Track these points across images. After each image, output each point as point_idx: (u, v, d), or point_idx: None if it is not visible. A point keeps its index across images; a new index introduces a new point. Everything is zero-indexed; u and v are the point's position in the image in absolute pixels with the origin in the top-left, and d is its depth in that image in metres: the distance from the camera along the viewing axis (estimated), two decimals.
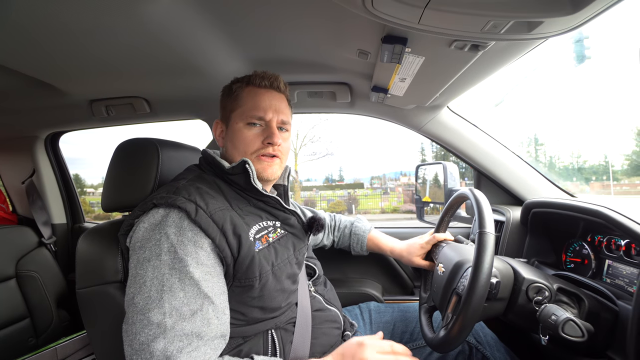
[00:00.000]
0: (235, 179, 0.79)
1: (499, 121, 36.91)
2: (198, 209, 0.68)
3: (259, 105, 0.82)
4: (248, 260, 0.70)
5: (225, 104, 0.88)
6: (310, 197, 21.20)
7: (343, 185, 26.83)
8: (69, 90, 1.18)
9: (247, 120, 0.82)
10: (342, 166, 34.35)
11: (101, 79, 1.10)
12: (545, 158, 21.03)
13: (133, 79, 1.11)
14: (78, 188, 2.02)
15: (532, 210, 1.09)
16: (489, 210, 0.76)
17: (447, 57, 0.73)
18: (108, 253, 0.80)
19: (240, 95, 0.84)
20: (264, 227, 0.78)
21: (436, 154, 17.59)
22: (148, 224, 0.67)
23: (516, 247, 1.14)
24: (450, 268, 0.86)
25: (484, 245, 0.70)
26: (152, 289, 0.61)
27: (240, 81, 0.86)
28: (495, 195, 1.36)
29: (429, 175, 1.99)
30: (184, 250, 0.64)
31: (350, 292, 1.40)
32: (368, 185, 27.50)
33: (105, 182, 0.89)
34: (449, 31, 0.56)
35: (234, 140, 0.83)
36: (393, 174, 29.67)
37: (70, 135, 1.84)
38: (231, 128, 0.84)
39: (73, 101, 1.29)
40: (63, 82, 1.10)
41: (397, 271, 1.52)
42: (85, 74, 1.04)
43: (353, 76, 1.13)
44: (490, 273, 0.68)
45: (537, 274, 0.78)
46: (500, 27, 0.53)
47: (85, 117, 1.43)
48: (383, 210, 18.47)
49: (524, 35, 0.55)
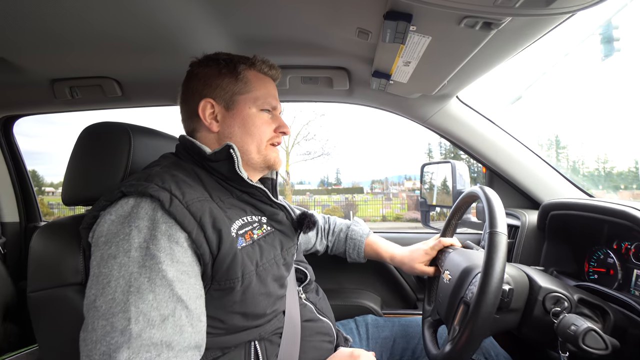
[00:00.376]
0: (217, 167, 0.79)
1: (516, 120, 37.36)
2: (173, 198, 0.67)
3: (271, 94, 0.88)
4: (229, 259, 0.69)
5: (225, 84, 0.84)
6: (304, 201, 21.19)
7: (341, 189, 26.88)
8: (24, 66, 1.16)
9: (262, 107, 0.85)
10: (339, 168, 34.41)
11: (64, 56, 1.08)
12: (567, 163, 21.35)
13: (101, 56, 1.10)
14: (36, 187, 1.99)
15: (550, 213, 1.10)
16: (500, 208, 0.77)
17: (456, 37, 0.74)
18: (67, 250, 0.79)
19: (248, 78, 0.85)
20: (248, 222, 0.78)
21: (445, 156, 17.69)
22: (115, 215, 0.66)
23: (532, 255, 1.15)
24: (457, 275, 0.86)
25: (495, 246, 0.70)
26: (117, 290, 0.59)
27: (244, 62, 0.86)
28: (509, 198, 1.38)
29: (437, 178, 2.01)
30: (157, 246, 0.63)
31: (345, 305, 1.40)
32: (368, 189, 27.60)
33: (67, 171, 0.88)
34: (458, 4, 0.57)
35: (247, 126, 0.84)
36: (396, 177, 29.83)
37: (27, 125, 1.83)
38: (241, 112, 0.84)
39: (30, 80, 1.27)
40: (17, 56, 1.09)
41: (399, 282, 1.52)
42: (45, 48, 1.02)
43: (352, 60, 1.13)
44: (502, 278, 0.69)
45: (555, 282, 0.79)
46: (514, 0, 0.54)
47: (45, 99, 1.41)
48: (384, 217, 18.54)
49: (541, 10, 0.56)
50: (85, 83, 1.30)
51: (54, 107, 1.52)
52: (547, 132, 38.35)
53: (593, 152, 27.27)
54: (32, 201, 1.90)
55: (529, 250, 1.16)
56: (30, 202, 1.89)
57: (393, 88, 1.13)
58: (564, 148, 21.53)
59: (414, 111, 1.33)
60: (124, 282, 0.60)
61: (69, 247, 0.79)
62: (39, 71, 1.22)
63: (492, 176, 1.40)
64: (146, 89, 1.36)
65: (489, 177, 1.43)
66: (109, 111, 1.62)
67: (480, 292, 0.68)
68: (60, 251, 0.79)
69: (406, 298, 1.53)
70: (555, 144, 21.49)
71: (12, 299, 1.64)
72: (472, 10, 0.59)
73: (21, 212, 1.86)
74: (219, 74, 0.86)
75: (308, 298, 0.97)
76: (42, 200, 20.73)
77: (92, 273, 0.64)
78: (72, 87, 1.31)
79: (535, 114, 39.54)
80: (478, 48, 0.76)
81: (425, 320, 1.05)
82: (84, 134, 0.88)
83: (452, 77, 0.97)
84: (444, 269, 0.98)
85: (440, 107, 1.28)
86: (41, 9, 0.80)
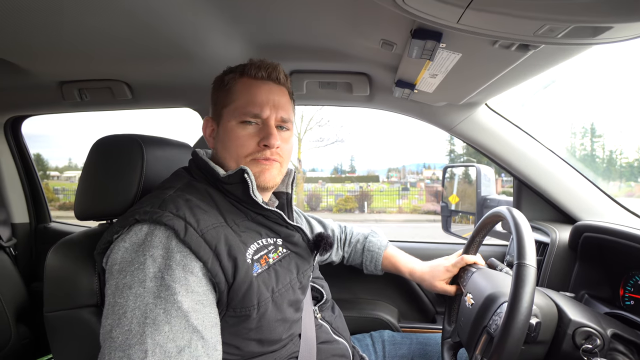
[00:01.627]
0: (231, 189, 0.81)
1: (548, 106, 36.25)
2: (188, 226, 0.69)
3: (254, 100, 0.83)
4: (245, 287, 0.71)
5: (216, 99, 0.89)
6: (315, 190, 21.16)
7: (355, 177, 26.80)
8: (33, 70, 1.19)
9: (240, 118, 0.83)
10: (354, 155, 34.20)
11: (74, 59, 1.11)
12: (603, 153, 20.69)
13: (112, 60, 1.12)
14: (40, 171, 2.05)
15: (584, 235, 1.08)
16: (530, 237, 0.76)
17: (489, 56, 0.73)
18: (82, 272, 0.82)
19: (233, 88, 0.85)
20: (263, 245, 0.79)
21: (468, 148, 17.37)
22: (129, 243, 0.68)
23: (561, 276, 1.13)
24: (481, 301, 0.87)
25: (523, 280, 0.70)
26: (134, 321, 0.62)
27: (234, 71, 0.87)
28: (539, 210, 1.36)
29: (460, 181, 1.99)
30: (172, 276, 0.65)
31: (361, 317, 1.42)
32: (384, 178, 27.46)
33: (79, 186, 0.91)
34: (494, 32, 0.56)
35: (226, 142, 0.84)
36: (414, 166, 29.55)
37: None
38: (223, 127, 0.85)
39: (39, 82, 1.31)
40: (27, 61, 1.12)
41: (417, 293, 1.53)
42: (55, 53, 1.05)
43: (374, 67, 1.13)
44: (530, 314, 0.69)
45: (586, 314, 0.78)
46: (558, 32, 0.53)
47: (54, 100, 1.45)
48: (400, 209, 18.45)
49: (587, 40, 0.55)
50: (94, 85, 1.33)
51: (62, 108, 1.56)
52: (582, 120, 37.06)
53: (633, 141, 26.29)
54: (42, 201, 1.97)
55: (558, 271, 1.14)
56: (39, 202, 1.96)
57: (417, 96, 1.12)
58: (600, 137, 20.82)
59: (438, 119, 1.31)
60: (139, 313, 0.62)
61: (83, 267, 0.82)
62: (47, 74, 1.25)
63: (521, 187, 1.38)
64: (157, 92, 1.38)
65: (517, 188, 1.40)
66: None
67: (505, 329, 0.69)
68: (75, 272, 0.82)
69: (425, 311, 1.54)
70: (591, 132, 20.79)
71: (24, 302, 1.72)
72: (508, 38, 0.58)
73: (31, 213, 1.93)
74: (213, 89, 0.90)
75: (324, 317, 0.99)
76: (47, 185, 21.36)
77: (107, 302, 0.67)
78: (81, 89, 1.35)
79: (569, 100, 38.23)
80: (511, 67, 0.75)
81: (445, 341, 1.06)
82: (95, 148, 0.90)
83: (483, 89, 0.96)
84: (466, 290, 0.98)
85: (468, 115, 1.26)
86: (50, 16, 0.82)
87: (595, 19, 0.49)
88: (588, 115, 40.75)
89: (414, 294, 1.54)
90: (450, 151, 22.61)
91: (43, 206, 1.97)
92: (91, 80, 1.31)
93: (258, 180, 0.82)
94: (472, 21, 0.53)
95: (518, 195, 1.41)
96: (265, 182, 0.83)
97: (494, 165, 1.47)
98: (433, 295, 1.53)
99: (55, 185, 22.48)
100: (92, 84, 1.32)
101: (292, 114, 0.92)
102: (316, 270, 1.09)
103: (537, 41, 0.56)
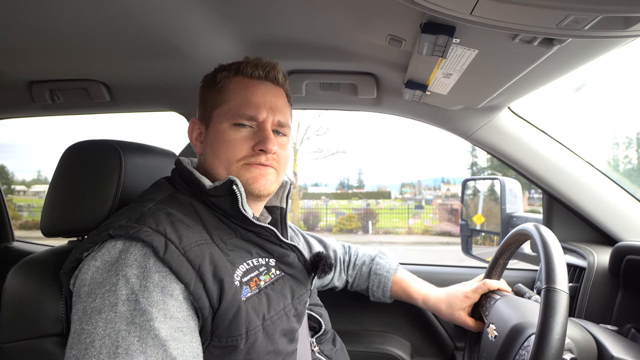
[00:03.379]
0: (218, 203, 0.81)
1: (581, 113, 36.28)
2: (168, 243, 0.69)
3: (250, 101, 0.84)
4: (232, 313, 0.71)
5: (206, 99, 0.90)
6: (316, 207, 21.12)
7: (363, 193, 26.79)
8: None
9: (234, 120, 0.84)
10: (362, 168, 34.26)
11: (44, 56, 1.12)
12: None
13: (87, 57, 1.13)
14: (4, 185, 2.07)
15: (627, 257, 1.07)
16: (560, 258, 0.76)
17: (509, 52, 0.74)
18: (47, 294, 0.81)
19: (226, 87, 0.87)
20: (253, 266, 0.79)
21: (492, 160, 17.21)
22: (101, 261, 0.68)
23: (602, 307, 1.12)
24: (505, 332, 0.86)
25: (553, 307, 0.69)
26: (103, 352, 0.61)
27: (227, 69, 0.89)
28: (572, 230, 1.35)
29: (483, 197, 1.98)
30: (148, 299, 0.64)
31: (368, 352, 1.40)
32: (397, 194, 27.43)
33: (47, 198, 0.91)
34: (512, 25, 0.57)
35: (215, 145, 0.85)
36: (431, 180, 29.53)
37: None
38: (212, 129, 0.86)
39: (5, 82, 1.32)
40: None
41: (432, 325, 1.52)
42: (22, 48, 1.06)
43: (381, 66, 1.14)
44: (562, 347, 0.68)
45: (632, 352, 0.77)
46: (584, 23, 0.53)
47: (21, 102, 1.46)
48: (410, 229, 18.31)
49: (619, 32, 0.55)
50: (68, 86, 1.34)
51: (32, 111, 1.58)
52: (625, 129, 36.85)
53: None
54: (4, 218, 1.97)
55: (598, 300, 1.12)
56: (1, 219, 1.97)
57: (429, 99, 1.13)
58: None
59: (454, 124, 1.32)
60: (110, 342, 0.62)
61: (48, 290, 0.81)
62: (14, 72, 1.27)
63: (552, 202, 1.38)
64: (138, 94, 1.40)
65: (547, 204, 1.40)
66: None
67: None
68: (38, 296, 0.81)
69: (442, 346, 1.51)
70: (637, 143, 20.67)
71: None
72: (529, 31, 0.59)
73: None
74: (202, 88, 0.92)
75: (322, 351, 0.98)
76: (11, 200, 21.40)
77: (72, 330, 0.66)
78: (52, 90, 1.36)
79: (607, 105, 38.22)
80: (535, 65, 0.76)
81: None
82: (66, 155, 0.91)
83: (503, 89, 0.97)
84: (488, 320, 0.97)
85: (488, 121, 1.27)
86: (18, 6, 0.83)
87: (625, 7, 0.49)
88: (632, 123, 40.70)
89: (429, 325, 1.52)
90: (472, 164, 22.57)
91: (5, 223, 1.97)
92: (64, 80, 1.32)
93: (251, 188, 0.83)
94: (486, 12, 0.54)
95: (548, 212, 1.40)
96: (259, 189, 0.84)
97: (520, 178, 1.46)
98: (451, 326, 1.51)
99: (20, 202, 22.49)
100: (65, 84, 1.33)
101: (290, 119, 0.93)
102: (314, 296, 1.08)
103: (562, 34, 0.57)
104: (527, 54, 0.73)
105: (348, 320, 1.53)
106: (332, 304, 1.23)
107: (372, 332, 1.52)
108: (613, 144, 20.99)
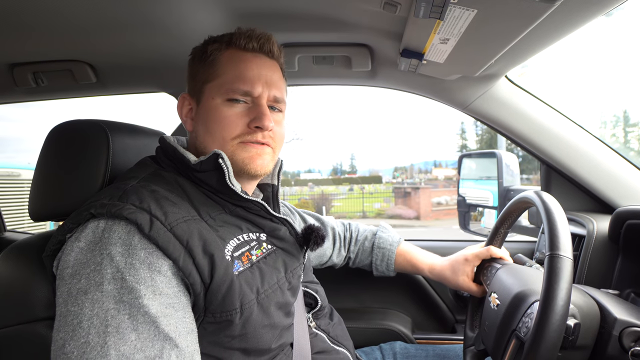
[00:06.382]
0: (205, 178, 0.79)
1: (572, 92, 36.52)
2: (154, 220, 0.67)
3: (244, 75, 0.82)
4: (225, 287, 0.70)
5: (196, 73, 0.87)
6: (302, 192, 21.35)
7: (354, 178, 26.92)
8: None
9: (227, 95, 0.81)
10: (354, 154, 34.44)
11: (26, 36, 1.08)
12: (639, 144, 20.78)
13: (70, 36, 1.09)
14: None
15: (627, 222, 1.07)
16: (564, 224, 0.75)
17: (509, 10, 0.71)
18: (38, 278, 0.80)
19: (218, 60, 0.84)
20: (244, 241, 0.78)
21: (481, 137, 17.37)
22: (84, 242, 0.67)
23: (603, 273, 1.12)
24: (508, 301, 0.85)
25: (557, 273, 0.68)
26: (92, 332, 0.60)
27: (219, 41, 0.86)
28: (571, 199, 1.35)
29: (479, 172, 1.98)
30: (135, 277, 0.63)
31: (369, 328, 1.42)
32: (390, 178, 27.63)
33: (34, 181, 0.89)
34: None
35: (208, 123, 0.83)
36: (422, 164, 29.76)
37: None
38: (204, 105, 0.84)
39: None
40: None
41: (433, 300, 1.53)
42: (1, 29, 1.02)
43: (375, 35, 1.11)
44: (567, 312, 0.67)
45: (635, 313, 0.77)
46: None
47: (4, 86, 1.41)
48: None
49: None
50: (52, 68, 1.29)
51: (15, 96, 1.52)
52: (613, 108, 37.14)
53: None
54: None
55: (598, 267, 1.13)
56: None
57: (426, 69, 1.10)
58: (635, 126, 20.90)
59: (451, 95, 1.30)
60: (98, 322, 0.60)
61: (38, 274, 0.80)
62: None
63: (550, 172, 1.37)
64: (125, 74, 1.36)
65: (546, 174, 1.39)
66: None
67: (537, 332, 0.67)
68: (28, 280, 0.80)
69: (442, 320, 1.53)
70: (624, 121, 20.88)
71: None
72: None
73: None
74: (192, 61, 0.89)
75: (319, 326, 0.98)
76: None
77: (58, 312, 0.64)
78: (36, 72, 1.31)
79: (597, 85, 38.37)
80: (536, 23, 0.73)
81: (468, 350, 1.05)
82: (53, 134, 0.88)
83: (501, 56, 0.94)
84: (490, 289, 0.97)
85: (485, 90, 1.25)
86: None
87: None
88: (619, 102, 40.96)
89: (429, 300, 1.53)
90: (462, 146, 22.75)
91: None
92: (48, 62, 1.27)
93: (248, 168, 0.82)
94: None
95: (547, 182, 1.40)
96: (255, 169, 0.83)
97: (513, 151, 1.46)
98: (452, 302, 1.53)
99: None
100: (49, 66, 1.28)
101: (285, 94, 0.91)
102: (310, 273, 1.08)
103: None
104: (528, 12, 0.70)
105: (349, 298, 1.54)
106: (332, 282, 1.23)
107: (373, 309, 1.53)
108: (601, 122, 21.20)
